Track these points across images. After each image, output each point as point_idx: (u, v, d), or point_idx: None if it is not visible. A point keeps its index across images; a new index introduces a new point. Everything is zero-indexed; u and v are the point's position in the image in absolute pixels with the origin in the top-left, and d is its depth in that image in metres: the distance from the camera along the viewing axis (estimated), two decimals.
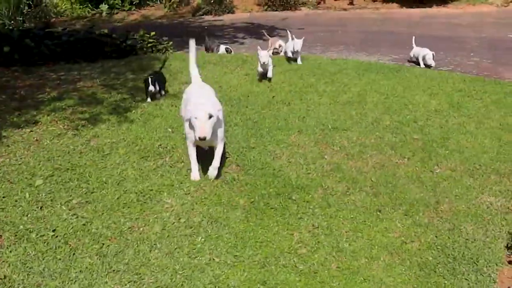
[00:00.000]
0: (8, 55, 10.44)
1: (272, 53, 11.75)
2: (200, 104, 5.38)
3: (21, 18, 17.75)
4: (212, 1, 20.53)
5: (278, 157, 6.35)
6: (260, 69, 9.27)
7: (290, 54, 10.86)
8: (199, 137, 5.16)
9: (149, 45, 12.28)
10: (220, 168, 5.78)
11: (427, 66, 10.97)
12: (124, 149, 6.39)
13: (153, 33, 12.47)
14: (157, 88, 8.14)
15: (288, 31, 11.42)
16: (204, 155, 5.89)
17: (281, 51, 11.75)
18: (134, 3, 21.66)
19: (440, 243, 4.69)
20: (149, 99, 8.13)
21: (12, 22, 17.05)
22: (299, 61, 10.79)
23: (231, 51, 12.51)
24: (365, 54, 13.00)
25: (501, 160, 6.34)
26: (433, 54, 10.92)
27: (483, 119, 7.65)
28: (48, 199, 5.25)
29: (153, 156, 6.25)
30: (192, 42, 6.60)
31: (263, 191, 5.53)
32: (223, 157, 5.90)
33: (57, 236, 4.66)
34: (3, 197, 5.26)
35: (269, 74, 9.23)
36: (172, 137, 6.78)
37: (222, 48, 12.52)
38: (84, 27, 13.32)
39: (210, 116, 5.18)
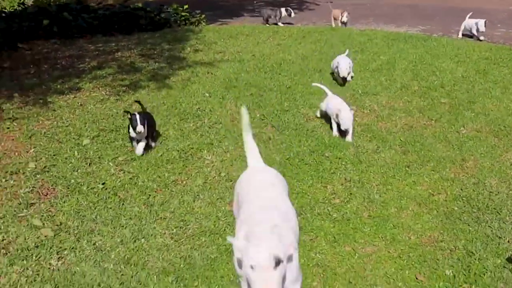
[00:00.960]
0: (47, 28, 10.80)
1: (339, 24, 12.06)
2: (257, 230, 2.92)
3: None
4: None
5: (311, 119, 6.64)
6: (335, 128, 6.24)
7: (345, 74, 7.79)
8: None
9: (182, 18, 12.62)
10: None
11: (479, 33, 11.07)
12: (164, 112, 6.73)
13: (186, 6, 12.78)
14: (146, 130, 5.57)
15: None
16: None
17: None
18: None
19: (465, 195, 4.95)
20: (139, 150, 5.65)
21: None
22: (348, 78, 7.94)
23: (291, 12, 13.07)
24: (394, 25, 13.17)
25: None
26: (485, 22, 10.98)
27: (508, 85, 7.87)
28: (95, 157, 5.62)
29: (192, 118, 6.58)
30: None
31: (297, 149, 5.82)
32: None
33: (106, 189, 5.03)
34: (54, 155, 5.63)
35: (349, 138, 6.11)
36: (209, 101, 7.11)
37: (283, 10, 13.02)
38: (118, 1, 13.61)
39: (278, 262, 2.68)
